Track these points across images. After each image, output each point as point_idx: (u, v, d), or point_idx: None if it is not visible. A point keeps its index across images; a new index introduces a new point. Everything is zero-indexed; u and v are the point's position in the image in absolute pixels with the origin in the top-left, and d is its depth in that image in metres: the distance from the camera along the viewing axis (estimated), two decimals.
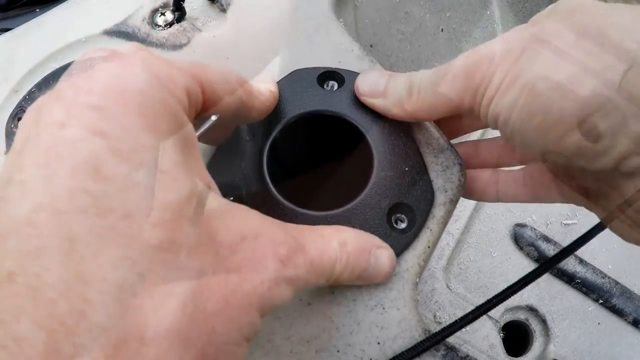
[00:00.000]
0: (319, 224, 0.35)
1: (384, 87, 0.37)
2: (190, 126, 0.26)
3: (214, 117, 0.31)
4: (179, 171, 0.23)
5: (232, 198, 0.37)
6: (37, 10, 0.61)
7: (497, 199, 0.42)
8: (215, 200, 0.26)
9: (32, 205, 0.20)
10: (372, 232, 0.35)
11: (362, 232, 0.34)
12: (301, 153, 0.42)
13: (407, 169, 0.37)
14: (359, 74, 0.41)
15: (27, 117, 0.25)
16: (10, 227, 0.20)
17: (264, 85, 0.37)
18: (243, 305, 0.23)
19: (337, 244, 0.30)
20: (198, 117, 0.29)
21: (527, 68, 0.29)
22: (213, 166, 0.38)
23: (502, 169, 0.42)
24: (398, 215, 0.37)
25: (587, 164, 0.29)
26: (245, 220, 0.27)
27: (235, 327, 0.23)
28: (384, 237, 0.35)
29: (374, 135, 0.38)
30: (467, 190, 0.42)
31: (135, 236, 0.21)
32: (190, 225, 0.23)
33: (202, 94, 0.28)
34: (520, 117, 0.30)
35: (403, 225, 0.37)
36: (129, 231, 0.21)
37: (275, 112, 0.39)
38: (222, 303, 0.23)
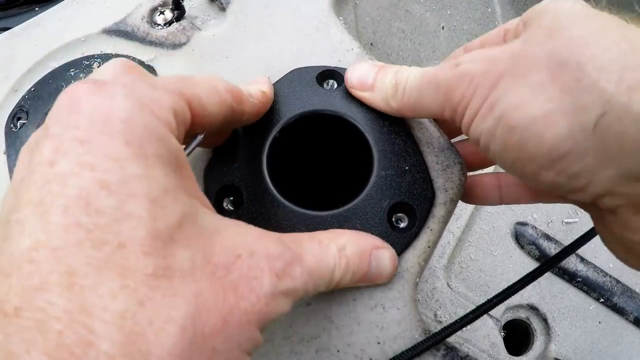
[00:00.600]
0: (319, 223, 0.35)
1: (372, 81, 0.37)
2: (178, 147, 0.26)
3: (200, 136, 0.31)
4: (169, 197, 0.24)
5: (232, 198, 0.37)
6: (37, 9, 0.62)
7: (501, 202, 0.42)
8: (209, 218, 0.26)
9: (30, 243, 0.21)
10: (373, 232, 0.35)
11: (361, 233, 0.34)
12: (301, 153, 0.41)
13: (407, 168, 0.37)
14: None
15: (21, 157, 0.25)
16: (12, 264, 0.21)
17: (255, 87, 0.37)
18: (241, 323, 0.24)
19: (335, 249, 0.30)
20: (188, 134, 0.29)
21: (503, 98, 0.28)
22: (212, 168, 0.38)
23: (502, 172, 0.42)
24: (398, 214, 0.37)
25: (566, 198, 0.29)
26: (240, 237, 0.27)
27: (235, 345, 0.24)
28: (385, 237, 0.35)
29: (374, 134, 0.38)
30: (470, 195, 0.42)
31: (131, 266, 0.21)
32: (183, 250, 0.23)
33: (190, 110, 0.28)
34: (498, 147, 0.30)
35: (403, 225, 0.37)
36: (124, 261, 0.21)
37: (275, 111, 0.39)
38: (220, 323, 0.23)
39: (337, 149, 0.42)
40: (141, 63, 0.44)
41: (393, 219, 0.36)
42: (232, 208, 0.37)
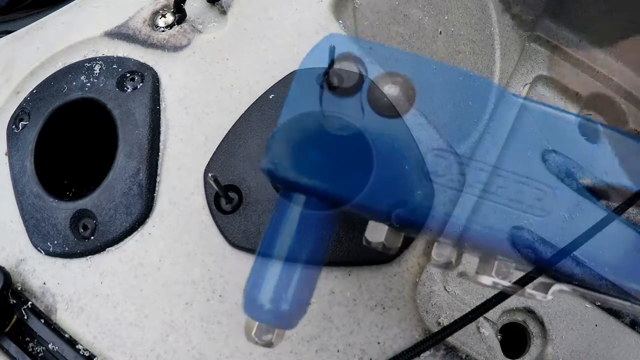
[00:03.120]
0: (319, 222, 0.35)
1: None
2: None
3: None
4: None
5: (231, 197, 0.37)
6: (38, 13, 0.62)
7: None
8: None
9: None
10: None
11: None
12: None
13: (407, 168, 0.37)
14: (358, 74, 0.41)
15: None
16: None
17: None
18: None
19: None
20: None
21: None
22: (212, 168, 0.38)
23: None
24: (398, 214, 0.37)
25: None
26: None
27: None
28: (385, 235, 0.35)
29: (373, 134, 0.38)
30: None
31: None
32: None
33: None
34: None
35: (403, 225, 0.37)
36: None
37: (275, 112, 0.39)
38: None
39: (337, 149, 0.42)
40: (142, 65, 0.44)
41: (392, 219, 0.37)
42: (231, 208, 0.37)
